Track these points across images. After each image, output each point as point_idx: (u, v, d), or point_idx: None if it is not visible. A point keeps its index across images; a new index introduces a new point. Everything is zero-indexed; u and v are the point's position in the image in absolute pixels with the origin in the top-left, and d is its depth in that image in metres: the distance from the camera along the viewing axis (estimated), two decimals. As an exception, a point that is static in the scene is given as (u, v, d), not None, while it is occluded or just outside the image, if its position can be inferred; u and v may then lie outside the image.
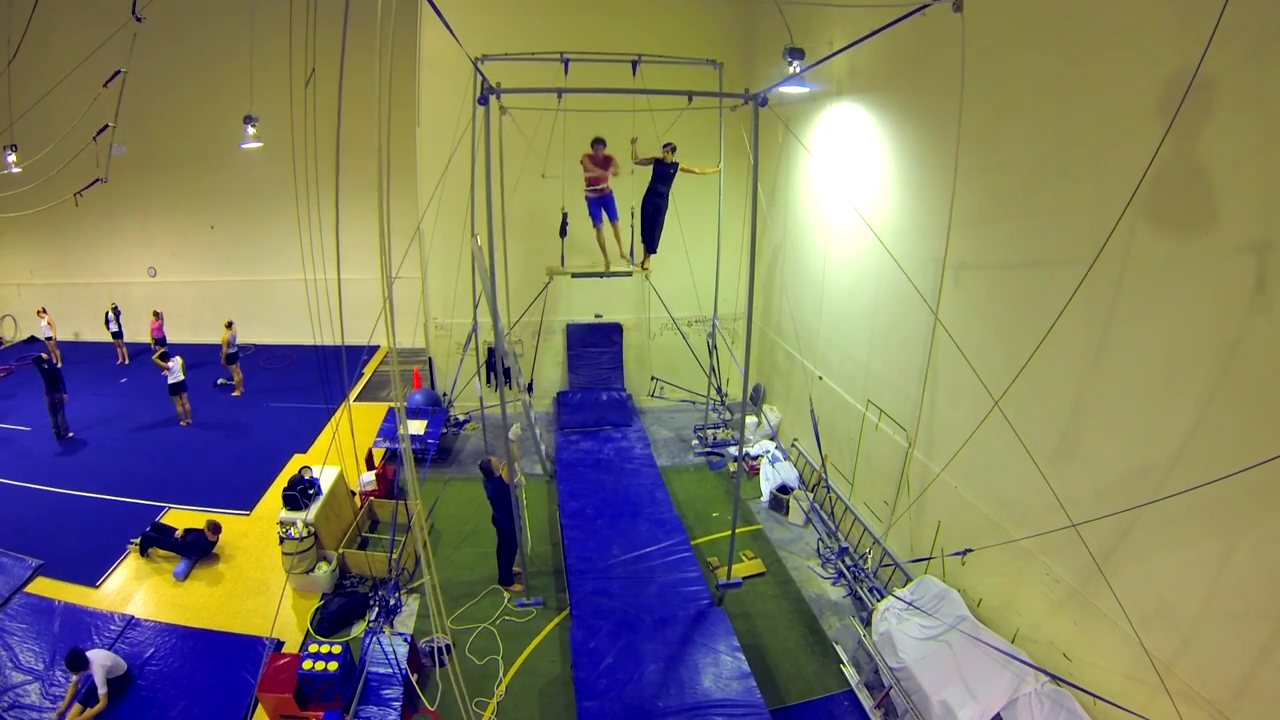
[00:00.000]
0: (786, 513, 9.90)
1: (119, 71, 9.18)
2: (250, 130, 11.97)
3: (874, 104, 8.33)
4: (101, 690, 6.26)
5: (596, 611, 7.38)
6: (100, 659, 6.43)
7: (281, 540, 7.97)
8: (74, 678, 6.35)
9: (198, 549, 8.63)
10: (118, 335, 15.65)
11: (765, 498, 10.28)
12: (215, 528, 8.79)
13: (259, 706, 6.31)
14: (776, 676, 7.07)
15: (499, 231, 10.26)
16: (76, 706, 6.26)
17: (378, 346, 15.64)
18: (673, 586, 7.86)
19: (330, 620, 7.65)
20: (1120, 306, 4.88)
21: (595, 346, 13.33)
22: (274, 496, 9.67)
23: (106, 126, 9.78)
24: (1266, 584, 4.01)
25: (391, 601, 7.76)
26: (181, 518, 9.32)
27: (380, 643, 6.65)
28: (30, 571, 8.28)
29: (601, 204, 9.06)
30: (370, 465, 10.28)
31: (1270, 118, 3.80)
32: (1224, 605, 4.29)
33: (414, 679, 6.53)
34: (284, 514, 8.17)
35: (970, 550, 6.45)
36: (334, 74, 3.67)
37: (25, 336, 17.39)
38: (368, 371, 15.32)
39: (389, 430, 11.18)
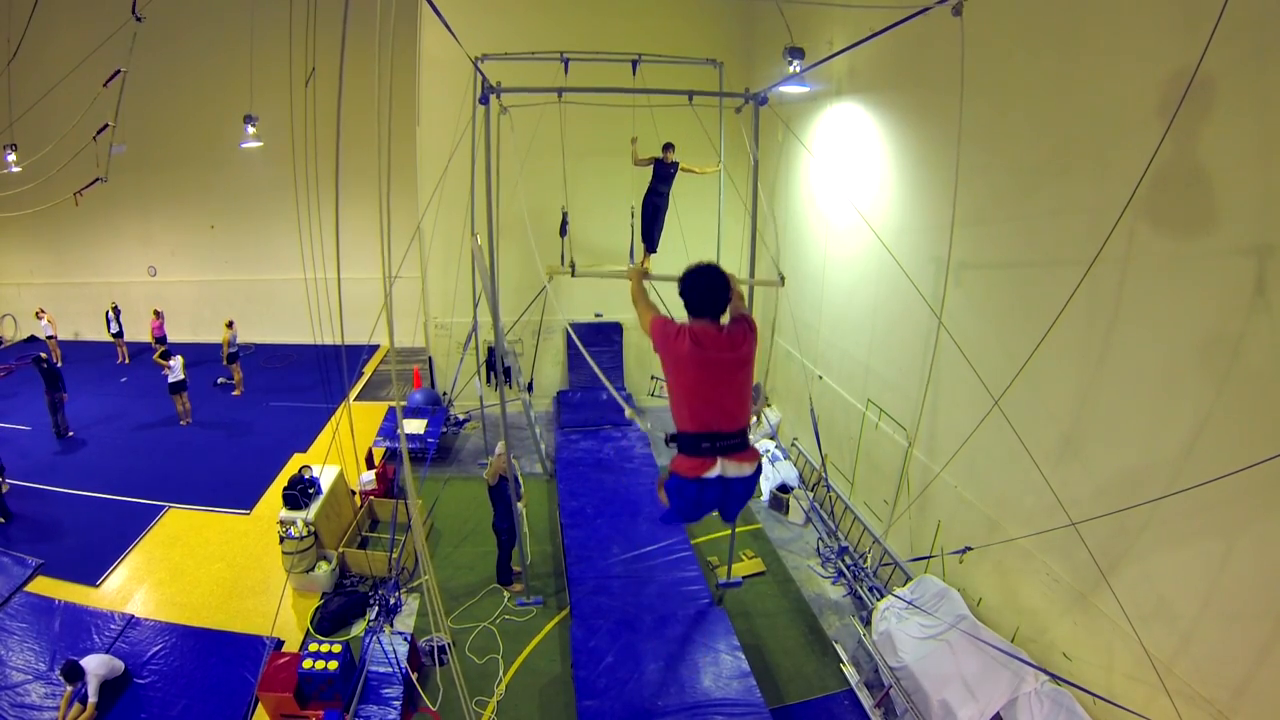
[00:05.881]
0: (786, 512, 9.90)
1: (119, 71, 9.17)
2: (250, 130, 11.97)
3: (874, 103, 8.33)
4: (92, 699, 6.25)
5: (596, 610, 7.39)
6: (95, 667, 6.40)
7: (281, 539, 7.97)
8: (67, 689, 6.31)
9: None
10: (118, 335, 15.65)
11: (765, 497, 10.28)
12: None
13: (259, 705, 6.31)
14: (776, 676, 7.06)
15: (499, 231, 10.25)
16: (76, 707, 6.26)
17: (378, 346, 15.65)
18: (673, 585, 7.86)
19: (330, 619, 7.65)
20: (1120, 306, 4.87)
21: (595, 346, 13.31)
22: (274, 496, 9.66)
23: (106, 126, 9.78)
24: (1266, 584, 4.01)
25: (391, 601, 7.76)
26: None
27: (380, 642, 6.66)
28: (30, 571, 8.29)
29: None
30: (370, 464, 10.26)
31: (1270, 118, 3.79)
32: (1224, 605, 4.29)
33: (414, 678, 6.52)
34: (284, 513, 8.17)
35: (970, 549, 6.45)
36: (334, 73, 3.66)
37: (25, 336, 17.39)
38: (368, 371, 15.32)
39: (389, 429, 11.19)
